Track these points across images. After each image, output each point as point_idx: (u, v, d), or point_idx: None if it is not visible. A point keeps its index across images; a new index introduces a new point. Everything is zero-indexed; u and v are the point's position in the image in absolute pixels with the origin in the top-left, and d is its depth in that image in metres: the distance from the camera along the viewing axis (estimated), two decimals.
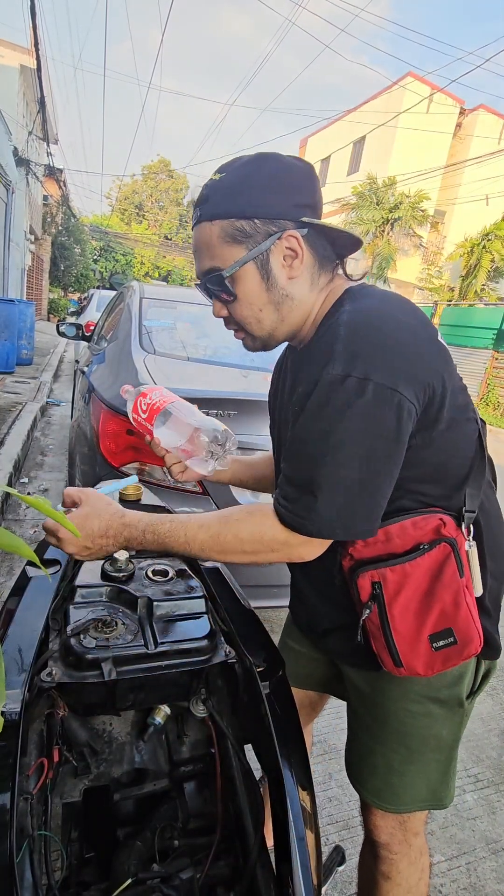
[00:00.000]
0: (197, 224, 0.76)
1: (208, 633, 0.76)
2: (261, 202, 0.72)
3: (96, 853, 0.78)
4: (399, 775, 0.87)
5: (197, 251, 0.78)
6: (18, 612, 0.78)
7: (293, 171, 0.74)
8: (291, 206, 0.73)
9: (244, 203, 0.72)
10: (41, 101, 12.39)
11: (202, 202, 0.75)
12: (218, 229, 0.73)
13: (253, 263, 0.74)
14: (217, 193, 0.73)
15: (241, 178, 0.73)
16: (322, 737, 1.84)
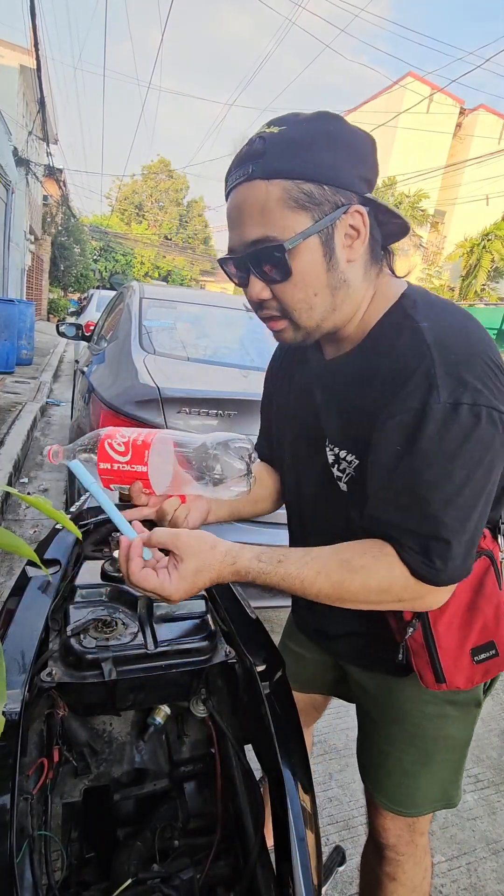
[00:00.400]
0: (243, 182, 0.62)
1: (208, 633, 0.76)
2: (331, 166, 0.61)
3: (96, 853, 0.78)
4: (413, 777, 0.86)
5: (239, 216, 0.64)
6: (18, 612, 0.78)
7: (359, 138, 0.64)
8: (357, 178, 0.63)
9: (313, 163, 0.61)
10: (41, 101, 12.39)
11: (255, 156, 0.61)
12: (278, 190, 0.60)
13: (317, 237, 0.62)
14: (277, 147, 0.60)
15: (309, 134, 0.61)
16: (322, 737, 1.84)
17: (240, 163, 0.64)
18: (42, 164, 15.51)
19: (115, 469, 0.72)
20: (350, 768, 1.72)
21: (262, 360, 2.39)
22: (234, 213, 0.65)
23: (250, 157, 0.62)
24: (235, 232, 0.66)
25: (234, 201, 0.65)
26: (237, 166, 0.64)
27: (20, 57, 12.21)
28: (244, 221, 0.64)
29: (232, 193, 0.65)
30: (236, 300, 3.24)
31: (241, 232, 0.65)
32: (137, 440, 0.73)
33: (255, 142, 0.62)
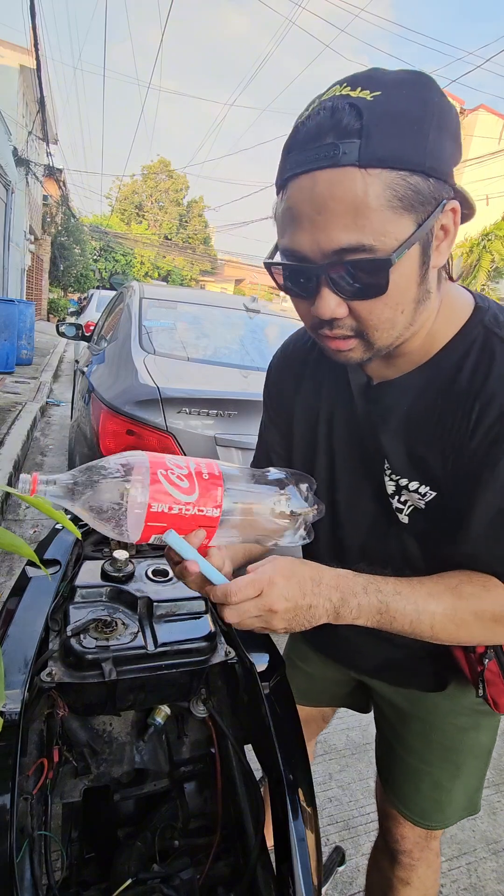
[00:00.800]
0: (328, 168, 0.47)
1: (208, 633, 0.76)
2: (437, 149, 0.48)
3: (96, 853, 0.78)
4: (447, 792, 0.85)
5: (319, 213, 0.48)
6: (18, 612, 0.78)
7: (453, 108, 0.50)
8: (453, 163, 0.50)
9: (422, 147, 0.47)
10: (41, 101, 12.40)
11: (346, 132, 0.46)
12: (380, 185, 0.46)
13: (418, 245, 0.51)
14: (378, 122, 0.45)
15: (415, 106, 0.47)
16: (322, 737, 1.83)
17: (318, 136, 0.47)
18: (42, 164, 15.51)
19: (174, 513, 0.52)
20: (350, 769, 1.72)
21: (262, 360, 2.39)
22: (308, 207, 0.49)
23: (339, 132, 0.46)
24: (310, 234, 0.50)
25: (310, 192, 0.49)
26: (313, 140, 0.48)
27: (20, 57, 12.22)
28: (328, 222, 0.49)
29: (303, 179, 0.49)
30: (236, 300, 3.24)
31: (320, 235, 0.50)
32: (202, 472, 0.54)
33: (345, 110, 0.46)
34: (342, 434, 0.74)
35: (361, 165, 0.46)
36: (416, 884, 0.93)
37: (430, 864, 0.93)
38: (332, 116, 0.47)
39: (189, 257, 34.98)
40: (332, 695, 1.03)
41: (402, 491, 0.67)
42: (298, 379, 0.80)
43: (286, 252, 0.55)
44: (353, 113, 0.46)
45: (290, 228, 0.53)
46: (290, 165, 0.50)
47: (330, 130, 0.47)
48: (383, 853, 0.97)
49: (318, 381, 0.77)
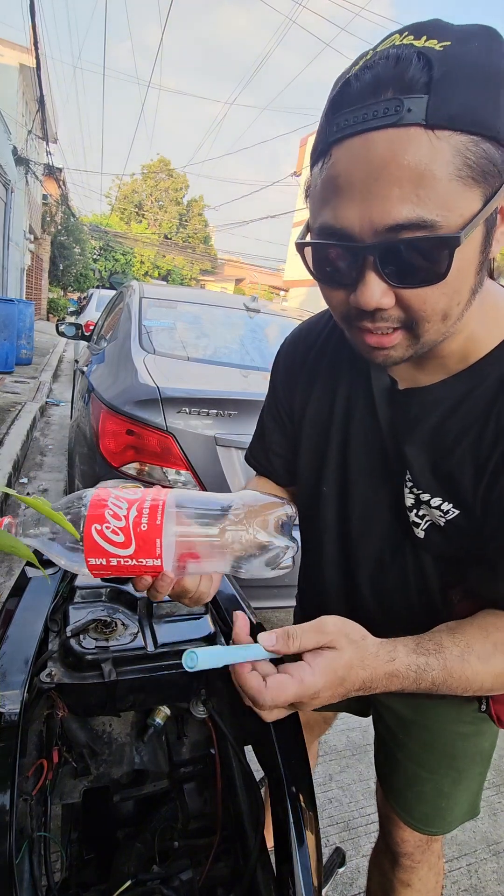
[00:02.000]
0: (388, 127, 0.40)
1: (208, 633, 0.75)
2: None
3: (96, 854, 0.78)
4: (448, 798, 0.84)
5: (373, 180, 0.41)
6: (18, 612, 0.78)
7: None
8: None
9: (497, 111, 0.40)
10: (40, 100, 12.39)
11: (411, 85, 0.39)
12: (450, 150, 0.39)
13: (482, 226, 0.44)
14: (453, 77, 0.39)
15: (491, 59, 0.40)
16: (323, 738, 1.83)
17: (376, 90, 0.40)
18: (42, 163, 15.51)
19: (112, 564, 0.53)
20: (350, 769, 1.72)
21: (262, 360, 2.39)
22: (360, 174, 0.41)
23: (402, 86, 0.39)
24: (360, 206, 0.42)
25: (364, 156, 0.41)
26: (370, 94, 0.40)
27: (20, 56, 12.21)
28: (385, 192, 0.41)
29: (355, 142, 0.41)
30: (236, 300, 3.24)
31: (373, 208, 0.42)
32: (140, 524, 0.52)
33: (411, 60, 0.39)
34: (359, 440, 0.68)
35: (429, 126, 0.39)
36: (418, 885, 0.92)
37: (431, 866, 0.92)
38: (395, 66, 0.39)
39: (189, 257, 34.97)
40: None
41: (422, 505, 0.62)
42: (312, 374, 0.73)
43: (325, 231, 0.46)
44: (421, 63, 0.39)
45: (334, 200, 0.44)
46: (338, 126, 0.42)
47: (391, 83, 0.39)
48: (384, 855, 0.96)
49: (334, 379, 0.70)
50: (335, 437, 0.70)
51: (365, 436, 0.67)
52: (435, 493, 0.61)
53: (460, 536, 0.61)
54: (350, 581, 0.76)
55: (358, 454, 0.68)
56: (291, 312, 3.35)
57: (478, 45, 0.40)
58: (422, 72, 0.39)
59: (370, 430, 0.66)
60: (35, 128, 14.17)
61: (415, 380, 0.61)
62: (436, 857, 0.92)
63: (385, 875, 0.96)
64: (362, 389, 0.67)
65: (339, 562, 0.76)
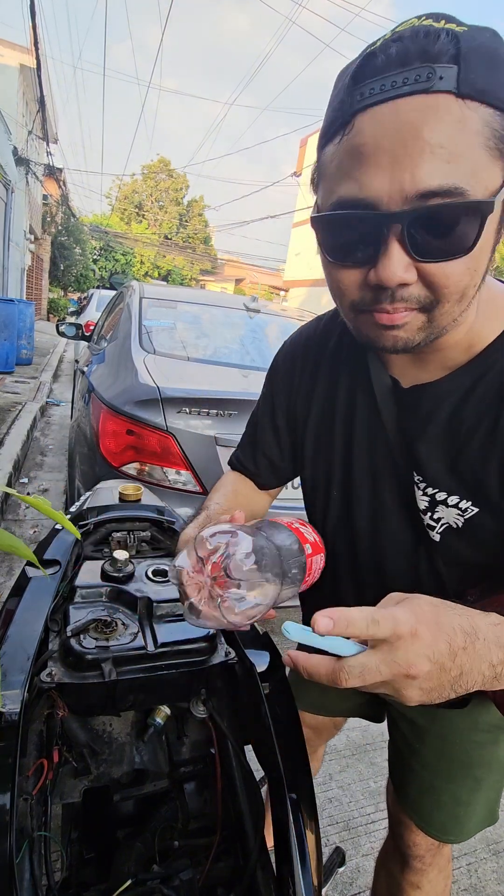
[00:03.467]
0: (419, 94, 0.39)
1: (208, 633, 0.75)
2: None
3: (96, 854, 0.78)
4: (465, 806, 0.83)
5: (404, 145, 0.40)
6: (18, 612, 0.78)
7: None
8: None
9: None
10: (41, 100, 12.39)
11: (440, 57, 0.39)
12: (481, 121, 0.40)
13: (502, 207, 0.44)
14: (479, 56, 0.39)
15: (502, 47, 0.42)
16: None
17: (404, 61, 0.40)
18: (42, 163, 15.51)
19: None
20: (350, 769, 1.72)
21: (262, 360, 2.39)
22: (390, 140, 0.40)
23: (431, 57, 0.39)
24: (389, 172, 0.41)
25: (394, 121, 0.40)
26: (401, 66, 0.40)
27: (20, 56, 12.21)
28: (415, 158, 0.40)
29: (382, 109, 0.41)
30: (236, 300, 3.24)
31: (404, 173, 0.41)
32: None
33: (440, 37, 0.39)
34: (363, 442, 0.66)
35: (460, 95, 0.39)
36: (427, 888, 0.92)
37: (441, 869, 0.91)
38: (423, 39, 0.40)
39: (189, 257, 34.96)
40: (345, 706, 1.02)
41: (438, 506, 0.60)
42: (313, 378, 0.71)
43: (346, 204, 0.44)
44: (449, 38, 0.39)
45: (358, 169, 0.42)
46: (361, 95, 0.41)
47: (420, 55, 0.39)
48: (393, 857, 0.95)
49: (335, 381, 0.69)
50: (338, 441, 0.69)
51: (369, 437, 0.66)
52: (453, 491, 0.59)
53: (480, 536, 0.59)
54: (359, 585, 0.75)
55: (361, 458, 0.67)
56: (291, 312, 3.35)
57: (489, 35, 0.41)
58: (450, 44, 0.39)
59: (374, 431, 0.65)
60: (35, 128, 14.17)
61: (417, 377, 0.60)
62: (445, 861, 0.92)
63: (393, 877, 0.95)
64: (363, 391, 0.66)
65: (348, 565, 0.75)
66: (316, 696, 1.00)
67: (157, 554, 0.97)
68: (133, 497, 1.11)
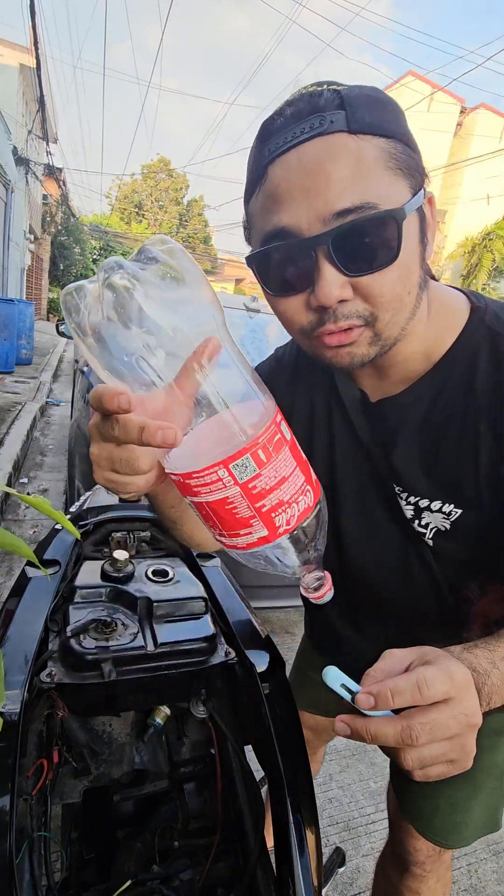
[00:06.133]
0: (317, 137, 0.45)
1: (208, 633, 0.75)
2: (412, 137, 0.49)
3: (96, 854, 0.78)
4: (464, 812, 0.82)
5: (314, 179, 0.45)
6: (18, 612, 0.78)
7: None
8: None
9: (398, 124, 0.48)
10: (41, 100, 12.39)
11: (329, 107, 0.46)
12: (374, 147, 0.45)
13: (416, 217, 0.49)
14: (361, 101, 0.46)
15: (384, 97, 0.48)
16: None
17: (301, 116, 0.46)
18: (42, 163, 15.51)
19: None
20: (350, 770, 1.72)
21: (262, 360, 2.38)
22: (299, 177, 0.46)
23: (321, 108, 0.46)
24: (304, 203, 0.46)
25: (298, 163, 0.46)
26: (297, 120, 0.46)
27: (20, 56, 12.20)
28: (326, 185, 0.45)
29: (289, 156, 0.46)
30: (236, 300, 3.23)
31: (317, 200, 0.45)
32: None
33: (325, 94, 0.46)
34: (345, 455, 0.67)
35: (351, 131, 0.45)
36: (426, 894, 0.92)
37: (440, 877, 0.91)
38: (314, 99, 0.46)
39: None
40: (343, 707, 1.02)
41: (423, 512, 0.62)
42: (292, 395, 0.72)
43: (273, 236, 0.49)
44: (332, 92, 0.46)
45: (277, 208, 0.48)
46: (269, 150, 0.48)
47: (310, 110, 0.46)
48: (392, 862, 0.95)
49: (311, 398, 0.70)
50: (320, 455, 0.70)
51: (350, 451, 0.67)
52: (434, 497, 0.60)
53: (469, 535, 0.60)
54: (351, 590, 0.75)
55: (346, 470, 0.68)
56: None
57: (370, 89, 0.49)
58: (334, 97, 0.46)
59: (353, 445, 0.67)
60: (35, 128, 14.16)
61: (384, 389, 0.62)
62: (445, 868, 0.92)
63: (392, 882, 0.95)
64: (338, 406, 0.67)
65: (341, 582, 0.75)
66: (315, 693, 1.00)
67: (157, 554, 0.97)
68: (134, 497, 1.11)
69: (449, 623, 0.69)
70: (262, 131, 0.49)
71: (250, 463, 0.39)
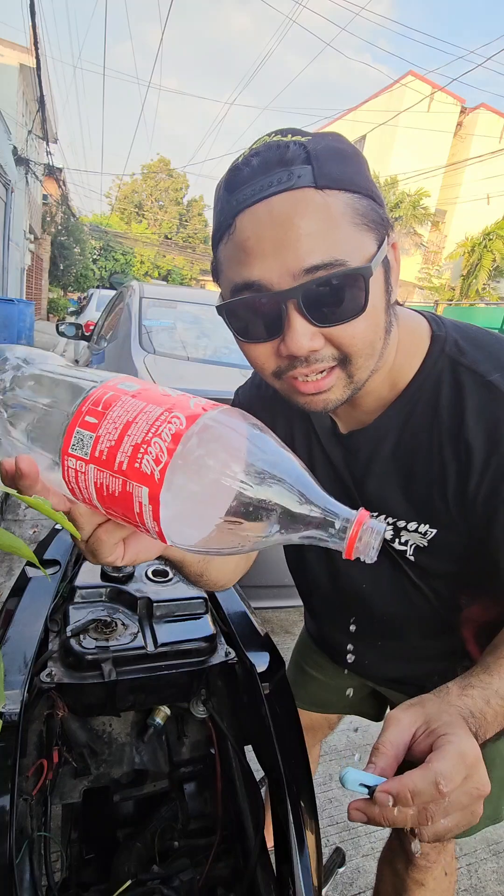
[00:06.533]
0: (284, 192, 0.46)
1: (208, 633, 0.75)
2: (376, 188, 0.51)
3: (96, 854, 0.78)
4: None
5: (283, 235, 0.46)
6: (18, 612, 0.78)
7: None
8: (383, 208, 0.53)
9: (364, 177, 0.49)
10: (41, 100, 12.39)
11: (294, 161, 0.46)
12: (340, 203, 0.47)
13: (381, 268, 0.51)
14: (326, 154, 0.47)
15: (344, 145, 0.50)
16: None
17: (268, 169, 0.47)
18: (42, 163, 15.51)
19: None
20: None
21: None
22: (269, 231, 0.46)
23: (287, 162, 0.46)
24: (274, 258, 0.47)
25: (268, 216, 0.46)
26: (261, 173, 0.47)
27: (20, 56, 12.20)
28: (296, 241, 0.46)
29: (258, 208, 0.47)
30: None
31: (287, 256, 0.46)
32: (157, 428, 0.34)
33: (290, 147, 0.47)
34: (324, 482, 0.67)
35: (318, 186, 0.46)
36: (432, 885, 0.92)
37: (446, 866, 0.92)
38: (276, 150, 0.47)
39: (189, 257, 34.95)
40: (344, 703, 1.02)
41: (402, 532, 0.64)
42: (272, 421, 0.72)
43: (244, 288, 0.50)
44: (298, 146, 0.47)
45: (247, 260, 0.48)
46: (237, 200, 0.48)
47: (277, 162, 0.47)
48: (398, 854, 0.95)
49: (289, 425, 0.71)
50: None
51: (328, 478, 0.69)
52: (410, 518, 0.63)
53: (447, 551, 0.63)
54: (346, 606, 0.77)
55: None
56: None
57: (333, 138, 0.49)
58: (300, 150, 0.47)
59: (330, 472, 0.69)
60: (35, 128, 14.16)
61: (355, 418, 0.63)
62: (450, 858, 0.92)
63: (398, 875, 0.96)
64: (314, 433, 0.69)
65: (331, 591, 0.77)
66: (313, 690, 1.00)
67: None
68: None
69: (441, 631, 0.71)
70: (229, 179, 0.50)
71: (83, 433, 0.36)
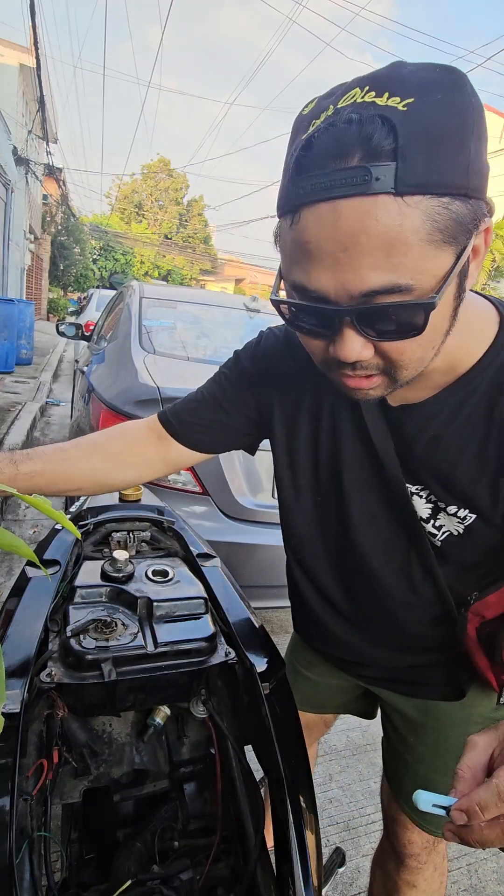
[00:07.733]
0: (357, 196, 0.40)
1: (208, 633, 0.75)
2: (480, 164, 0.41)
3: (96, 854, 0.78)
4: None
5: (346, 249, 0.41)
6: (18, 612, 0.78)
7: (484, 110, 0.43)
8: (487, 172, 0.44)
9: (463, 164, 0.40)
10: (41, 100, 12.39)
11: (377, 152, 0.38)
12: (420, 216, 0.40)
13: (456, 279, 0.45)
14: (420, 140, 0.38)
15: (452, 113, 0.39)
16: (322, 738, 1.83)
17: (340, 153, 0.39)
18: (42, 163, 15.51)
19: None
20: (350, 769, 1.72)
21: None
22: (330, 244, 0.42)
23: (368, 152, 0.38)
24: (332, 273, 0.43)
25: (332, 225, 0.41)
26: (334, 158, 0.40)
27: (20, 56, 12.21)
28: (357, 261, 0.41)
29: (322, 209, 0.41)
30: (236, 300, 3.24)
31: (346, 275, 0.42)
32: None
33: (375, 125, 0.38)
34: (353, 455, 0.68)
35: (398, 193, 0.39)
36: (423, 886, 0.92)
37: (437, 867, 0.92)
38: (359, 132, 0.38)
39: (189, 257, 34.95)
40: (337, 702, 1.02)
41: (440, 513, 0.63)
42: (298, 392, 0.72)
43: (300, 289, 0.47)
44: (386, 129, 0.38)
45: (306, 264, 0.45)
46: (304, 189, 0.42)
47: (356, 148, 0.39)
48: (389, 856, 0.95)
49: (320, 395, 0.70)
50: (324, 448, 0.71)
51: (357, 450, 0.68)
52: (450, 502, 0.62)
53: (479, 540, 0.62)
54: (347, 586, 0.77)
55: (352, 468, 0.69)
56: None
57: (441, 98, 0.39)
58: (387, 138, 0.38)
59: (362, 444, 0.67)
60: (35, 128, 14.16)
61: (404, 397, 0.61)
62: (441, 858, 0.92)
63: (389, 876, 0.96)
64: (347, 405, 0.67)
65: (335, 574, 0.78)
66: (305, 690, 1.00)
67: (157, 554, 0.97)
68: (133, 497, 1.11)
69: (442, 622, 0.71)
70: (300, 150, 0.42)
71: None
